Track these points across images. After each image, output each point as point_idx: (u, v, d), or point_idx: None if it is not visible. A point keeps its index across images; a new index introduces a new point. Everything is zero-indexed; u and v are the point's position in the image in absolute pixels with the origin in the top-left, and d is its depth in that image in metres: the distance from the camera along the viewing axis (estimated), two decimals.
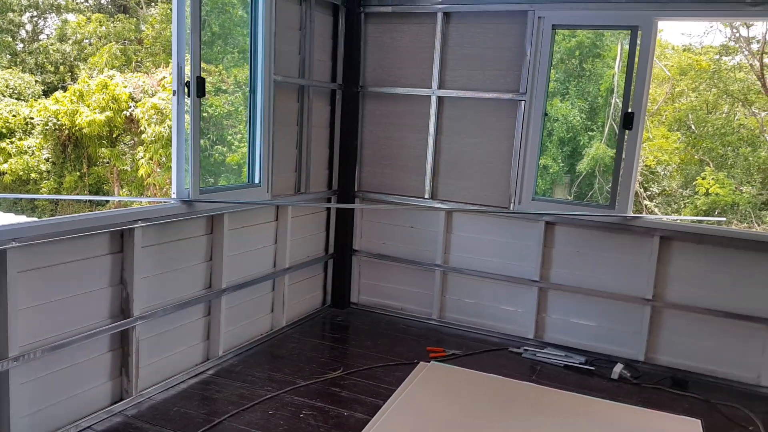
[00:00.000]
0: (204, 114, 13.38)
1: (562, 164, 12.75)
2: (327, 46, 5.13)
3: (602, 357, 4.67)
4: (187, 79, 3.65)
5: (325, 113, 5.24)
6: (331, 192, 5.41)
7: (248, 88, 4.30)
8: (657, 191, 14.84)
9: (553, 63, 5.29)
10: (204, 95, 3.73)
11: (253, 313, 4.67)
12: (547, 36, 4.68)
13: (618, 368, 4.40)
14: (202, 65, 3.69)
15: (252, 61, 4.27)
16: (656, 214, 13.97)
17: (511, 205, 4.91)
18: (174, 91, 3.65)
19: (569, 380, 4.33)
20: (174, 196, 3.79)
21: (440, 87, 5.06)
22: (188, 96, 3.67)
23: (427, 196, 5.22)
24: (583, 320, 4.83)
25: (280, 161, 4.68)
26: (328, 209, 5.41)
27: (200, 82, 3.69)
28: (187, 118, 3.72)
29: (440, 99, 5.09)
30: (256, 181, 4.42)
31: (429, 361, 4.43)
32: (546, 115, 4.90)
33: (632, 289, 4.63)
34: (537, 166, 4.93)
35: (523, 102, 4.78)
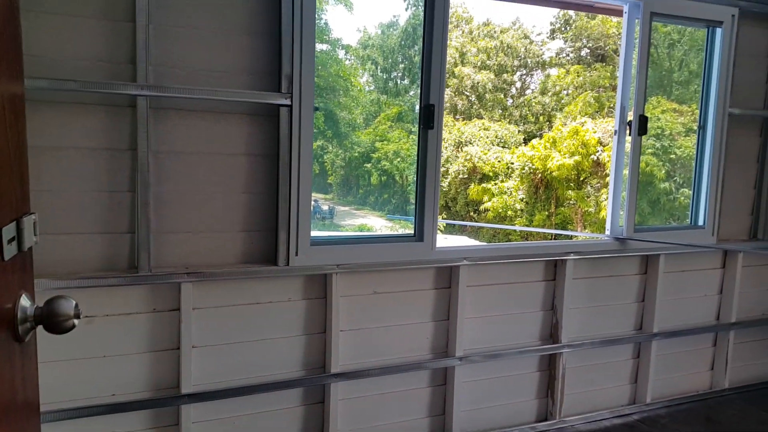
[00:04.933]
0: (672, 156, 12.81)
1: None
2: None
3: None
4: (629, 119, 3.73)
5: None
6: None
7: (697, 124, 4.03)
8: None
9: None
10: (645, 133, 3.72)
11: (688, 367, 4.27)
12: None
13: None
14: (673, 105, 3.69)
15: (703, 95, 4.01)
16: None
17: None
18: (615, 131, 3.78)
19: None
20: (608, 232, 3.89)
21: None
22: (629, 135, 3.73)
23: None
24: None
25: (732, 203, 4.17)
26: None
27: (642, 121, 3.70)
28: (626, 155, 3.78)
29: None
30: (700, 222, 4.06)
31: None
32: None
33: None
34: None
35: None
